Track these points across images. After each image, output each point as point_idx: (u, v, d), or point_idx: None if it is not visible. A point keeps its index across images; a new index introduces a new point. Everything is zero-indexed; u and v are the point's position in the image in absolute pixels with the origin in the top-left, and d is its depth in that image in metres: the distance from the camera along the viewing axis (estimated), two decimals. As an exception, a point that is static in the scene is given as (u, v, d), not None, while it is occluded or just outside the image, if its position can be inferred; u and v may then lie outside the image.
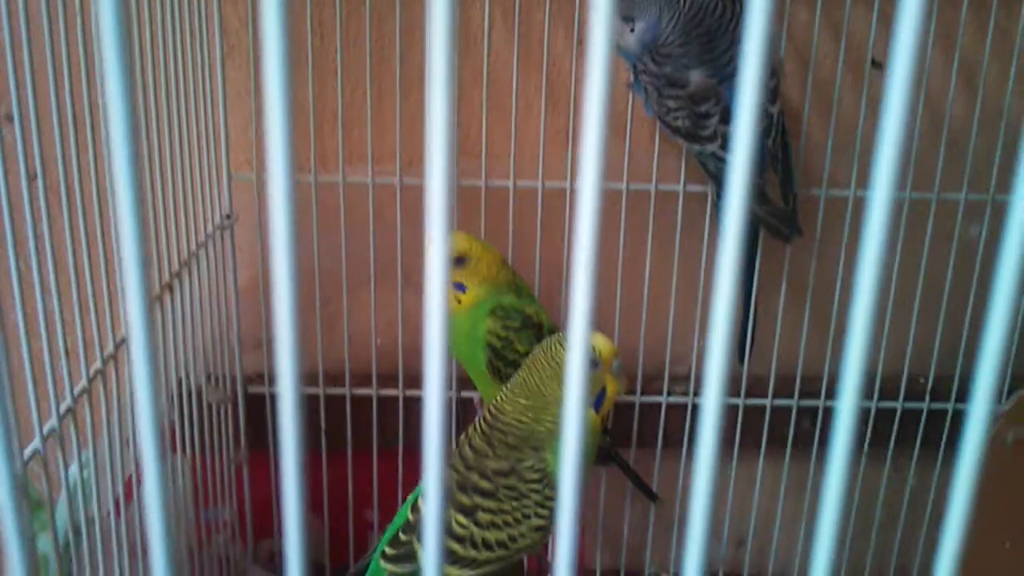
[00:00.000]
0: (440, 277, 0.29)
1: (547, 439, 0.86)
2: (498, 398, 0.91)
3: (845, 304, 1.21)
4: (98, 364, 0.80)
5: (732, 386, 1.26)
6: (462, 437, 0.90)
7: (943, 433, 1.27)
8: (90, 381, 0.78)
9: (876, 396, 1.26)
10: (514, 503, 0.84)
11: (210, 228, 1.10)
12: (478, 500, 0.84)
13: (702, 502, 0.31)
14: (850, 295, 0.94)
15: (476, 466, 0.85)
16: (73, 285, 0.75)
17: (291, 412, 0.30)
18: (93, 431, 0.79)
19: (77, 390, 0.76)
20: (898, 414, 1.27)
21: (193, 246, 1.04)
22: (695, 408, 1.27)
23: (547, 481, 0.85)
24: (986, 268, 1.20)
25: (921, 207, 1.18)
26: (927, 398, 1.26)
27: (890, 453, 1.28)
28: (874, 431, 1.27)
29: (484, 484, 0.85)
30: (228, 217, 1.15)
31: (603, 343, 0.88)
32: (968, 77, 1.16)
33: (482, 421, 0.89)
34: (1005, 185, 1.17)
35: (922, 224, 1.18)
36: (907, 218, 1.18)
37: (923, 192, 1.17)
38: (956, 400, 1.26)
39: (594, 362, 0.88)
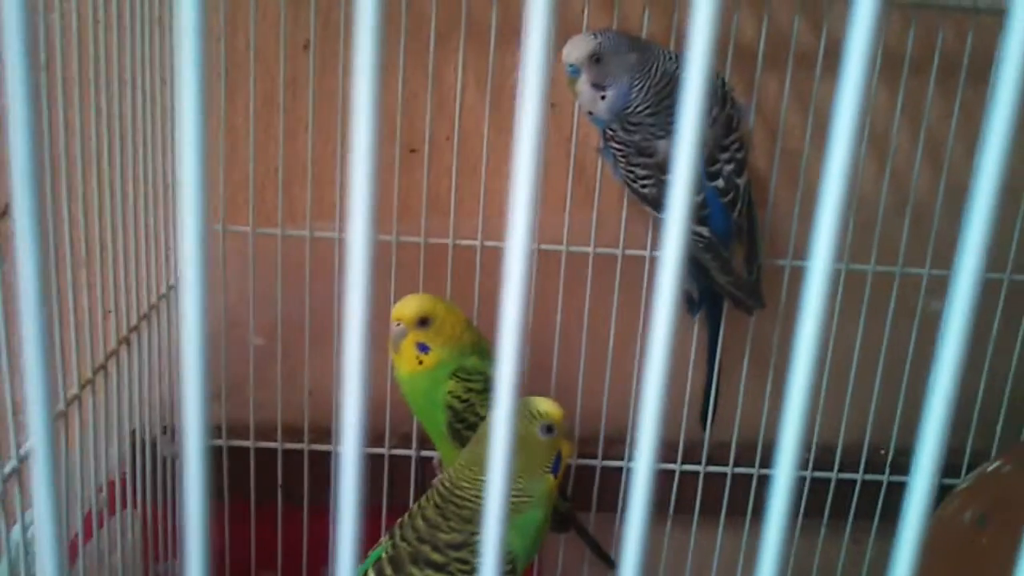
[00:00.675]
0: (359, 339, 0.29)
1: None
2: (453, 470, 0.90)
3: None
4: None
5: (693, 453, 1.26)
6: (415, 507, 0.89)
7: (902, 506, 1.26)
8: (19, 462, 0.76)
9: (836, 467, 1.26)
10: None
11: (173, 279, 1.09)
12: (430, 573, 0.83)
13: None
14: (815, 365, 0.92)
15: (429, 539, 0.84)
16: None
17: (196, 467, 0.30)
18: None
19: (23, 451, 0.75)
20: (858, 485, 1.27)
21: (154, 298, 1.03)
22: (658, 473, 1.26)
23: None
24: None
25: (885, 280, 1.19)
26: (887, 470, 1.26)
27: (849, 525, 1.27)
28: (833, 502, 1.26)
29: (436, 557, 0.83)
30: (192, 267, 1.14)
31: (552, 408, 0.88)
32: (933, 153, 1.18)
33: (436, 493, 0.88)
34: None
35: (885, 298, 1.19)
36: (870, 291, 1.19)
37: (887, 266, 1.18)
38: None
39: (548, 428, 0.87)
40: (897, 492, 1.27)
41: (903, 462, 1.26)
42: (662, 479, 1.26)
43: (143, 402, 1.03)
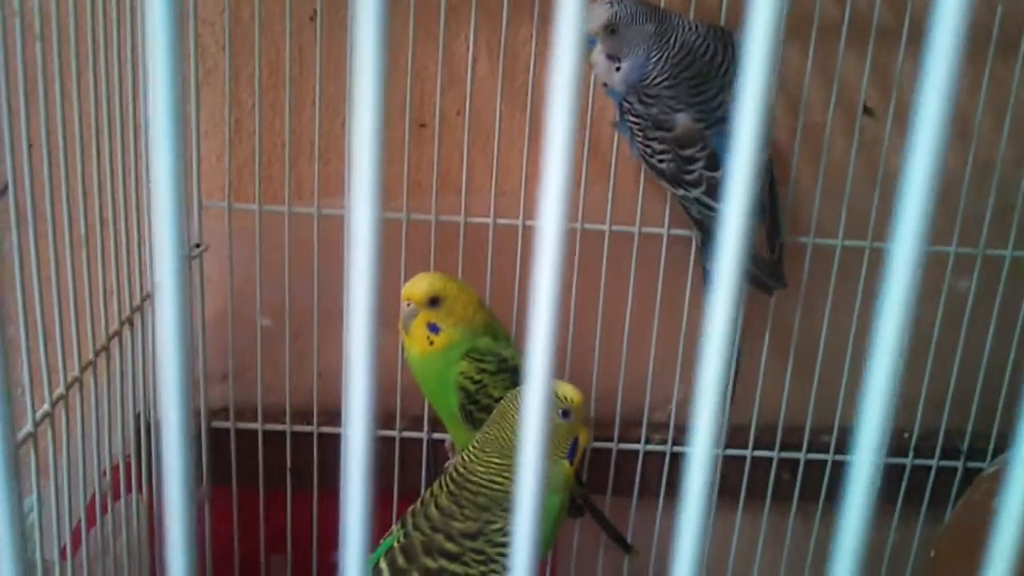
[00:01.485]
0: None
1: None
2: (466, 455, 0.87)
3: (830, 355, 1.18)
4: (46, 407, 0.76)
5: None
6: (427, 494, 0.86)
7: (926, 489, 1.23)
8: (36, 425, 0.74)
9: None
10: (481, 568, 0.80)
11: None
12: (443, 563, 0.81)
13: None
14: (835, 345, 0.90)
15: (442, 527, 0.82)
16: (21, 325, 0.71)
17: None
18: (38, 476, 0.75)
19: (21, 435, 0.72)
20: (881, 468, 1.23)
21: (158, 277, 1.00)
22: (674, 456, 1.23)
23: None
24: (974, 323, 1.17)
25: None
26: (911, 453, 1.23)
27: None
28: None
29: (450, 546, 0.81)
30: (197, 246, 1.11)
31: (572, 392, 0.85)
32: (960, 127, 1.14)
33: (449, 479, 0.85)
34: (996, 239, 1.14)
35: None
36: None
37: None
38: (941, 457, 1.23)
39: (565, 412, 0.85)
40: (920, 475, 1.24)
41: (927, 446, 1.23)
42: (679, 463, 1.24)
43: (148, 383, 1.01)
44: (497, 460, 0.84)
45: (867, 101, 1.14)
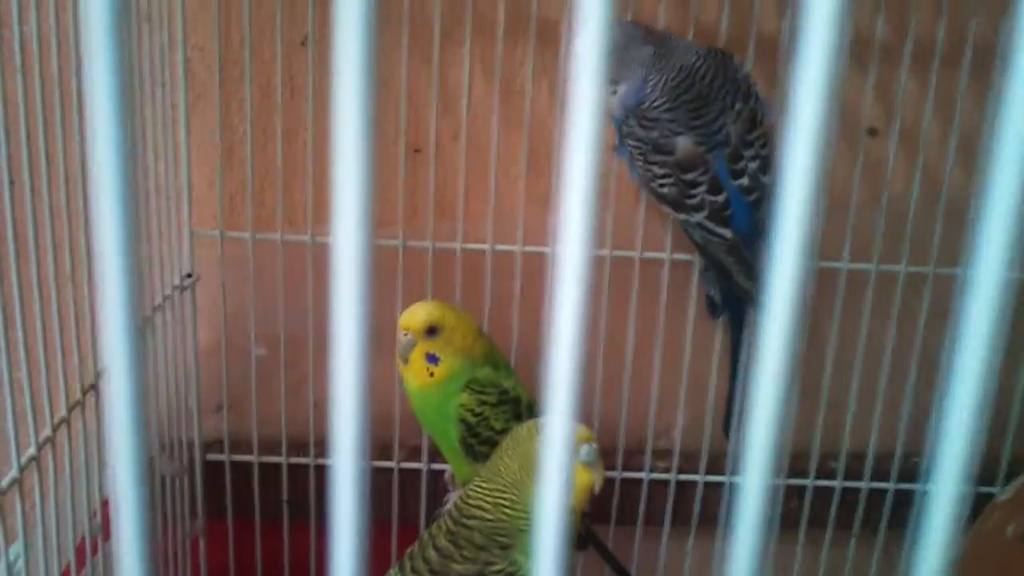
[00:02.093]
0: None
1: (518, 537, 0.80)
2: (468, 491, 0.84)
3: (837, 379, 1.16)
4: (32, 451, 0.73)
5: (717, 463, 1.20)
6: (425, 536, 0.83)
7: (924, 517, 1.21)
8: (21, 470, 0.71)
9: (868, 476, 1.20)
10: None
11: (169, 288, 1.04)
12: None
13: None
14: (842, 369, 0.87)
15: (441, 571, 0.79)
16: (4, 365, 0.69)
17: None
18: (25, 523, 0.73)
19: (7, 480, 0.70)
20: (890, 495, 1.21)
21: (148, 308, 0.98)
22: (679, 484, 1.21)
23: None
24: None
25: (917, 281, 1.13)
26: (921, 478, 1.21)
27: (881, 536, 1.22)
28: (866, 513, 1.21)
29: None
30: (189, 276, 1.09)
31: (580, 432, 0.82)
32: (966, 146, 1.12)
33: (448, 518, 0.83)
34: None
35: (917, 298, 1.13)
36: (902, 292, 1.13)
37: (919, 266, 1.12)
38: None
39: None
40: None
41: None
42: (684, 492, 1.21)
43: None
44: (496, 495, 0.81)
45: (871, 122, 1.12)
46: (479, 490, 0.82)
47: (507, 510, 0.80)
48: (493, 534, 0.80)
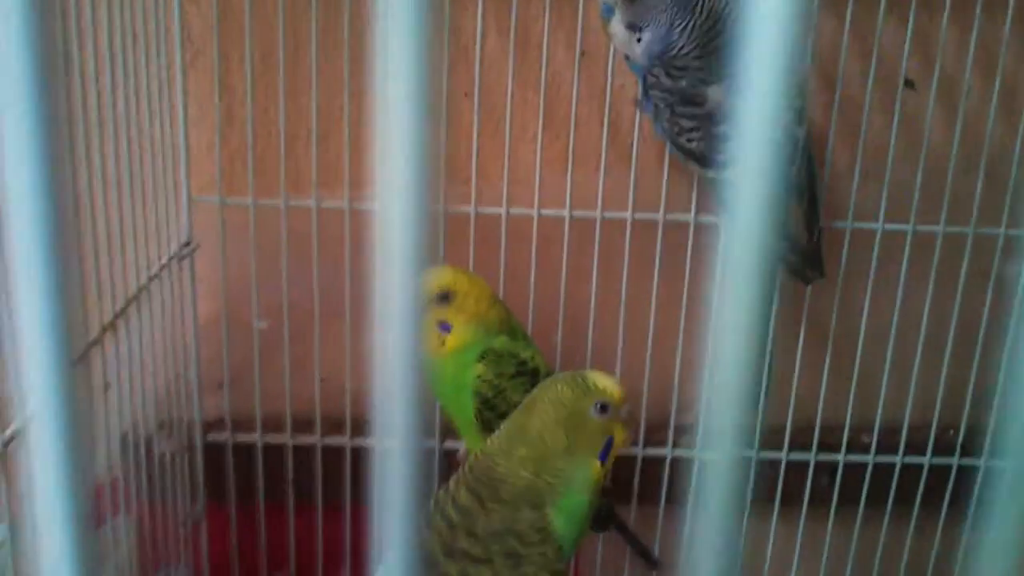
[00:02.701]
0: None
1: (548, 494, 0.74)
2: (487, 446, 0.79)
3: (870, 348, 1.10)
4: (16, 425, 0.67)
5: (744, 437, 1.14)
6: (442, 493, 0.77)
7: (977, 493, 1.15)
8: (5, 445, 0.65)
9: (902, 450, 1.14)
10: (512, 571, 0.72)
11: (165, 257, 0.98)
12: (468, 568, 0.72)
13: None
14: (876, 337, 0.80)
15: (464, 527, 0.73)
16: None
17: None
18: (10, 504, 0.67)
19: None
20: (925, 470, 1.15)
21: (144, 278, 0.92)
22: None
23: (550, 542, 0.73)
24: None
25: (956, 242, 1.07)
26: (957, 452, 1.15)
27: (915, 513, 1.16)
28: (898, 488, 1.15)
29: (475, 550, 0.72)
30: (187, 244, 1.03)
31: (611, 385, 0.77)
32: (1007, 102, 1.06)
33: (467, 473, 0.77)
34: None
35: (956, 260, 1.07)
36: (940, 254, 1.07)
37: (959, 226, 1.06)
38: (990, 455, 1.14)
39: (603, 407, 0.76)
40: (968, 477, 1.15)
41: (975, 443, 1.15)
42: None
43: (136, 394, 0.92)
44: (520, 451, 0.76)
45: (908, 73, 1.05)
46: (502, 449, 0.76)
47: (534, 470, 0.75)
48: (522, 492, 0.74)
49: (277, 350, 1.08)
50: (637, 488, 1.14)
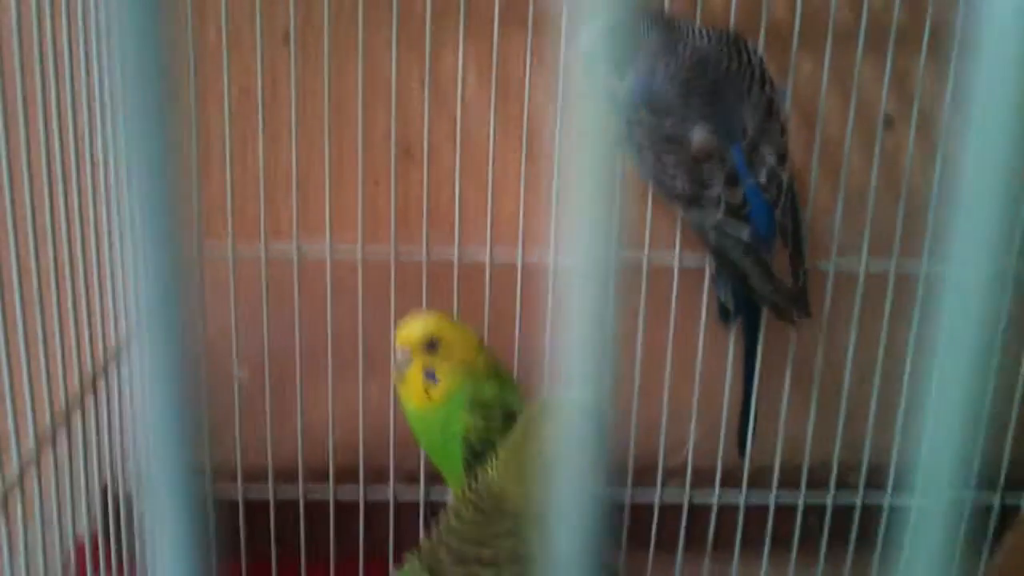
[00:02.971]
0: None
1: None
2: (484, 471, 0.77)
3: (856, 388, 1.09)
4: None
5: (731, 479, 1.13)
6: (443, 516, 0.75)
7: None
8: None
9: (890, 489, 1.13)
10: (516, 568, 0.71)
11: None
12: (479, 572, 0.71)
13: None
14: (862, 375, 0.80)
15: (473, 536, 0.71)
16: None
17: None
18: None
19: None
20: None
21: (124, 331, 0.90)
22: (692, 507, 1.13)
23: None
24: (1009, 344, 1.09)
25: (939, 279, 1.06)
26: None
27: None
28: (887, 529, 1.14)
29: (486, 552, 0.71)
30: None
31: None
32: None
33: (469, 492, 0.75)
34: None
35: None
36: (922, 291, 1.07)
37: (941, 263, 1.06)
38: (976, 489, 1.14)
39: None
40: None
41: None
42: (698, 512, 1.14)
43: (116, 451, 0.90)
44: (522, 472, 0.74)
45: (887, 110, 1.06)
46: (499, 469, 0.75)
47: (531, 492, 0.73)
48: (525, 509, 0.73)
49: (258, 401, 1.06)
50: (625, 534, 1.12)
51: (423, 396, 0.89)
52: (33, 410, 0.72)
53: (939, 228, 1.04)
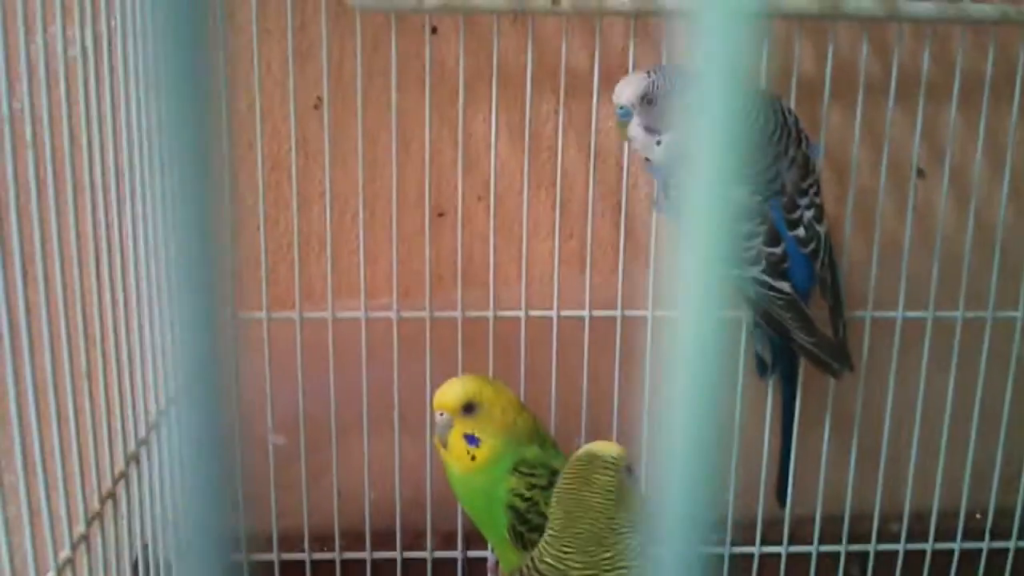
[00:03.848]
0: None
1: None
2: (541, 547, 0.78)
3: (896, 435, 1.09)
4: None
5: (773, 531, 1.12)
6: None
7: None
8: None
9: (932, 537, 1.12)
10: None
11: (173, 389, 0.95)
12: None
13: None
14: (901, 424, 0.79)
15: None
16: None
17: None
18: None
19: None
20: (956, 555, 1.13)
21: (164, 403, 0.89)
22: (732, 557, 1.12)
23: None
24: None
25: (975, 327, 1.06)
26: (986, 536, 1.13)
27: (948, 599, 1.14)
28: (930, 575, 1.13)
29: None
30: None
31: (615, 446, 0.79)
32: (1017, 186, 1.06)
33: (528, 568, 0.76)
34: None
35: (977, 344, 1.06)
36: (960, 338, 1.06)
37: (977, 311, 1.06)
38: (1019, 537, 1.13)
39: (629, 469, 0.77)
40: (999, 560, 1.14)
41: (1003, 527, 1.13)
42: (740, 563, 1.13)
43: (154, 520, 0.89)
44: (572, 552, 0.74)
45: (919, 162, 1.06)
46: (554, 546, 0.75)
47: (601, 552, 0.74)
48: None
49: (293, 465, 1.05)
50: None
51: (467, 460, 0.88)
52: (83, 487, 0.72)
53: (974, 276, 1.04)
